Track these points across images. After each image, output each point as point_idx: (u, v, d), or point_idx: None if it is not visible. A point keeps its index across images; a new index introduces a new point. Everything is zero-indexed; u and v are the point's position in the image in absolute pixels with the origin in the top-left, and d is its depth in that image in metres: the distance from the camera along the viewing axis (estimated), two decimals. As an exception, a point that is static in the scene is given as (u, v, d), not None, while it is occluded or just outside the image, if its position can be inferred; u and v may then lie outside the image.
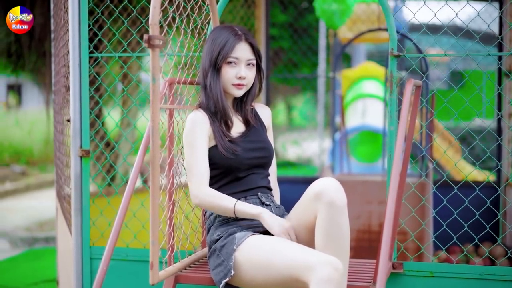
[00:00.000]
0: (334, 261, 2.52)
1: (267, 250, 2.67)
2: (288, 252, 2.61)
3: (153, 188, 2.55)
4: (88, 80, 3.56)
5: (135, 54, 3.45)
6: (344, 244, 2.67)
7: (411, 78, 2.91)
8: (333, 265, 2.50)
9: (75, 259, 3.59)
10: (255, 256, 2.69)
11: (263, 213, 2.78)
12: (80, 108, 3.57)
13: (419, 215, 4.92)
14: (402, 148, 2.64)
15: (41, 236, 8.99)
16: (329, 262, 2.51)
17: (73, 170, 3.57)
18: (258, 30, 6.51)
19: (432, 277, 3.19)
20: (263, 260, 2.66)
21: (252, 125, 3.03)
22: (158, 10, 2.53)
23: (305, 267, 2.53)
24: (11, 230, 9.41)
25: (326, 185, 2.66)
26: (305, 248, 2.64)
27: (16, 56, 8.14)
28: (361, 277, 2.93)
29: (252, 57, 2.95)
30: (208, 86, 2.92)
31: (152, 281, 2.64)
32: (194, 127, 2.87)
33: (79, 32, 3.56)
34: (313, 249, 2.64)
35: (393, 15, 3.20)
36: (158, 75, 2.53)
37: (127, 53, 3.61)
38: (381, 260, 2.57)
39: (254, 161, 2.95)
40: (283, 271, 2.60)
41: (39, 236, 8.98)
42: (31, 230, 9.40)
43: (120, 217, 2.86)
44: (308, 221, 2.76)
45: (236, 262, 2.74)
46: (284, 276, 2.61)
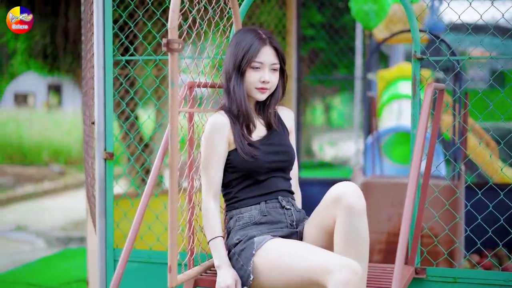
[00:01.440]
0: (353, 264, 2.51)
1: (286, 254, 2.66)
2: (307, 255, 2.61)
3: (172, 192, 2.55)
4: (112, 82, 3.58)
5: (158, 57, 3.46)
6: (363, 248, 2.65)
7: (433, 82, 2.87)
8: (351, 268, 2.49)
9: (99, 260, 3.62)
10: (274, 260, 2.68)
11: (219, 267, 2.81)
12: (104, 111, 3.60)
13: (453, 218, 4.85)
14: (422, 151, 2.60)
15: (76, 235, 9.11)
16: (347, 266, 2.49)
17: (98, 172, 3.60)
18: (290, 31, 6.48)
19: (456, 282, 3.15)
20: (282, 264, 2.66)
21: (273, 129, 3.01)
22: (177, 14, 2.53)
23: (324, 270, 2.52)
24: (47, 230, 9.54)
25: (345, 190, 2.64)
26: (324, 251, 2.62)
27: (52, 58, 8.23)
28: (380, 281, 2.90)
29: (276, 61, 2.94)
30: (232, 90, 2.91)
31: (170, 284, 2.64)
32: (213, 132, 2.87)
33: (103, 35, 3.59)
34: (332, 253, 2.63)
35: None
36: (177, 79, 2.52)
37: (150, 56, 3.63)
38: (396, 264, 2.55)
39: (274, 165, 2.94)
40: (302, 274, 2.59)
41: (74, 236, 9.09)
42: (66, 230, 9.52)
43: (137, 220, 2.86)
44: (327, 225, 2.74)
45: (255, 266, 2.73)
46: (303, 279, 2.59)
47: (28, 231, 9.55)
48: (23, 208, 11.22)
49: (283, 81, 3.03)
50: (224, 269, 2.82)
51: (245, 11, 3.40)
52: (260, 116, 3.02)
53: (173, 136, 2.55)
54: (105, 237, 3.62)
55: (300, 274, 2.60)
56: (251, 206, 2.90)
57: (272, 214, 2.88)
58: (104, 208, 3.60)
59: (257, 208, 2.88)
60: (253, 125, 2.95)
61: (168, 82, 5.48)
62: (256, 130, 2.97)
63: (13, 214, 11.01)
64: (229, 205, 2.98)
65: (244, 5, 3.39)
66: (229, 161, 2.91)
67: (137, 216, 2.92)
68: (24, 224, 9.98)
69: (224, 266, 2.83)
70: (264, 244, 2.75)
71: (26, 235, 9.34)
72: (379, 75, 10.49)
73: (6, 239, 9.10)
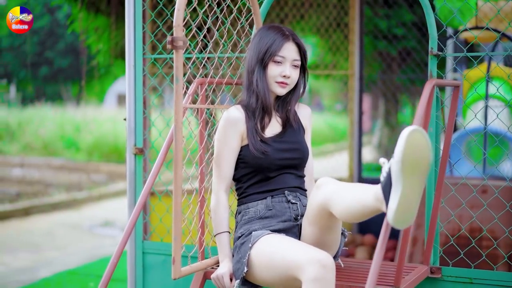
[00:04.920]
0: (322, 257, 2.53)
1: (273, 250, 2.72)
2: (285, 252, 2.65)
3: (176, 186, 2.63)
4: (142, 80, 3.69)
5: (185, 56, 3.54)
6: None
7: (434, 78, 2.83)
8: (320, 263, 2.50)
9: (129, 253, 3.74)
10: (264, 256, 2.74)
11: (221, 262, 2.92)
12: (134, 108, 3.72)
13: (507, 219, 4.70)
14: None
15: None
16: (317, 260, 2.51)
17: (128, 167, 3.72)
18: (352, 29, 6.44)
19: (471, 283, 3.08)
20: (269, 260, 2.71)
21: (289, 126, 3.04)
22: (182, 13, 2.61)
23: (297, 267, 2.56)
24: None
25: (324, 181, 2.73)
26: (302, 247, 2.65)
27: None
28: (385, 279, 2.88)
29: (298, 58, 2.98)
30: (255, 82, 2.97)
31: (173, 275, 2.71)
32: (227, 126, 2.93)
33: (134, 33, 3.70)
34: (309, 247, 2.66)
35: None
36: (181, 75, 2.60)
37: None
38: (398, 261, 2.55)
39: (285, 162, 2.97)
40: (281, 272, 2.66)
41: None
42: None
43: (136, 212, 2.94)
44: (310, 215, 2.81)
45: (250, 259, 2.79)
46: (285, 276, 2.64)
47: (114, 227, 9.88)
48: (113, 205, 11.59)
49: (304, 78, 3.06)
50: (225, 263, 2.89)
51: (266, 11, 3.44)
52: (278, 114, 3.05)
53: (177, 131, 2.63)
54: (135, 230, 3.73)
55: (280, 272, 2.66)
56: (258, 201, 2.94)
57: (277, 208, 2.92)
58: (134, 201, 3.71)
59: (263, 203, 2.92)
60: (269, 118, 2.99)
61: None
62: (270, 127, 3.01)
63: (103, 210, 11.41)
64: (239, 199, 3.03)
65: (265, 5, 3.43)
66: (241, 157, 2.96)
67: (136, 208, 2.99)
68: (112, 220, 10.33)
69: (226, 261, 2.90)
70: (260, 239, 2.79)
71: (111, 230, 9.66)
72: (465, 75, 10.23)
73: (92, 233, 9.45)
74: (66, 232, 9.53)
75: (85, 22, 7.71)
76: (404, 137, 2.28)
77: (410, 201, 2.33)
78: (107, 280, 2.82)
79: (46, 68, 26.27)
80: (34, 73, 26.71)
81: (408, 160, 2.30)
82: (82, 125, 19.80)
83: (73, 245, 8.63)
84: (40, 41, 25.91)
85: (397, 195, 2.32)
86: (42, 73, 26.48)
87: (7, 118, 21.12)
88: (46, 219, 10.51)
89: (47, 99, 28.21)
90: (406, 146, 2.28)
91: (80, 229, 9.77)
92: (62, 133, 19.52)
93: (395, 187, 2.33)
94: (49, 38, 25.76)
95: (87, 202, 12.07)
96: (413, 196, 2.33)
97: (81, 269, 7.09)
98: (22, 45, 26.12)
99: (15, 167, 16.02)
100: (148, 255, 3.71)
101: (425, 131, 2.99)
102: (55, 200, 11.62)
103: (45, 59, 26.15)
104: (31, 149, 18.91)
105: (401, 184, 2.31)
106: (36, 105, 25.39)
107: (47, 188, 13.12)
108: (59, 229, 9.68)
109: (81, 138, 18.86)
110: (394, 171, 2.32)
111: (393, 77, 11.84)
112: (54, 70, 26.26)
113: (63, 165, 16.26)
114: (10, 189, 12.63)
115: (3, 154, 18.40)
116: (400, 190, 2.31)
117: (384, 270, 3.02)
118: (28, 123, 20.58)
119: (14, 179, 14.13)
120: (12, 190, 12.41)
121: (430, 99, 2.81)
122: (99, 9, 7.70)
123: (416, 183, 2.33)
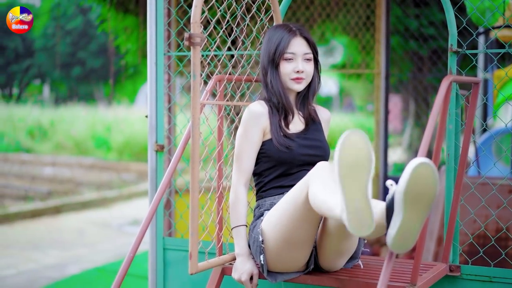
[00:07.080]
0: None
1: (277, 208, 2.77)
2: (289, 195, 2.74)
3: (193, 181, 2.65)
4: (163, 78, 3.72)
5: (205, 53, 3.56)
6: None
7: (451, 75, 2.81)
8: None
9: (150, 249, 3.77)
10: (271, 216, 2.79)
11: (239, 255, 2.92)
12: (156, 105, 3.75)
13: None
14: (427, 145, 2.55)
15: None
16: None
17: (150, 164, 3.74)
18: (379, 28, 6.42)
19: (491, 282, 3.05)
20: (276, 211, 2.78)
21: (311, 124, 3.05)
22: (199, 9, 2.63)
23: (301, 191, 2.68)
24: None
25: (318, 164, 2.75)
26: None
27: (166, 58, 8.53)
28: (402, 277, 2.86)
29: (308, 51, 2.98)
30: (270, 83, 2.98)
31: (190, 271, 2.73)
32: (250, 119, 2.94)
33: (155, 32, 3.74)
34: None
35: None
36: (198, 72, 2.62)
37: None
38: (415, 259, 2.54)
39: (308, 158, 2.97)
40: (290, 206, 2.71)
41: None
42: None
43: (152, 208, 2.97)
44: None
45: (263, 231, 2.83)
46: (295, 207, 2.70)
47: (142, 225, 9.95)
48: (142, 204, 11.67)
49: (318, 71, 3.07)
50: (243, 258, 2.90)
51: (286, 9, 3.45)
52: (300, 112, 3.06)
53: (194, 127, 2.65)
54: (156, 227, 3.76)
55: (289, 210, 2.71)
56: (275, 196, 2.95)
57: None
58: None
59: (280, 198, 2.93)
60: (292, 115, 3.00)
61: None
62: (294, 124, 3.02)
63: (132, 209, 11.50)
64: (257, 194, 3.04)
65: (284, 3, 3.43)
66: (263, 151, 2.97)
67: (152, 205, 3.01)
68: (141, 219, 10.40)
69: (244, 255, 2.90)
70: (268, 211, 2.85)
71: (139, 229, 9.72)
72: (495, 74, 10.13)
73: (120, 232, 9.54)
74: (95, 230, 9.64)
75: (114, 22, 7.77)
76: (410, 169, 2.27)
77: (410, 229, 2.33)
78: (123, 273, 2.86)
79: (78, 68, 26.56)
80: (67, 73, 27.02)
81: (412, 192, 2.29)
82: (113, 124, 19.99)
83: (102, 243, 8.72)
84: (73, 42, 26.20)
85: (397, 222, 2.32)
86: (74, 74, 26.78)
87: (40, 117, 21.39)
88: (76, 217, 10.64)
89: (80, 99, 28.53)
90: (411, 178, 2.27)
91: (109, 227, 9.87)
92: (93, 133, 19.73)
93: (397, 214, 2.33)
94: (81, 39, 26.05)
95: (117, 201, 12.18)
96: (413, 225, 2.33)
97: (109, 267, 7.17)
98: (55, 46, 26.44)
99: (47, 166, 16.22)
100: (169, 251, 3.73)
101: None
102: (85, 198, 11.75)
103: (78, 59, 26.44)
104: (62, 148, 19.14)
105: (402, 213, 2.31)
106: (69, 105, 25.65)
107: (78, 186, 13.27)
108: (88, 227, 9.79)
109: (112, 138, 19.04)
110: (397, 200, 2.32)
111: (423, 77, 11.73)
112: (86, 70, 26.54)
113: (94, 164, 16.42)
114: (42, 187, 12.80)
115: (36, 153, 18.64)
116: (400, 219, 2.32)
117: (402, 268, 3.01)
118: (60, 122, 20.85)
119: (45, 178, 14.32)
120: (43, 189, 12.57)
121: (448, 96, 2.79)
122: (127, 9, 7.75)
123: (417, 214, 2.33)
